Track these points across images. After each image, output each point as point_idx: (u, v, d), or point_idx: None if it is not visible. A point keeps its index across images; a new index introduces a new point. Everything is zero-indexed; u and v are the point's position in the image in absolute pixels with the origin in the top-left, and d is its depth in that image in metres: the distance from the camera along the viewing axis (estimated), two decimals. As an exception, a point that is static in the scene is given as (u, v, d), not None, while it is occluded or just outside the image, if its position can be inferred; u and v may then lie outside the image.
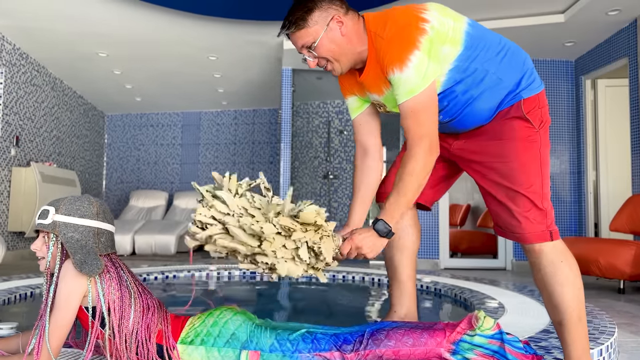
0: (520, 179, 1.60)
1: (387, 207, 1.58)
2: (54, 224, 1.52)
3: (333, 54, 1.63)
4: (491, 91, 1.62)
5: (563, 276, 1.57)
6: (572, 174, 5.93)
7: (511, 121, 1.63)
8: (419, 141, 1.54)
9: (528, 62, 1.68)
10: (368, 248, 1.58)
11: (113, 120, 9.51)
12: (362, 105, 1.83)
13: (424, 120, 1.54)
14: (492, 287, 3.53)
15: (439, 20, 1.55)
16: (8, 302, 2.94)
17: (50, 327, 1.44)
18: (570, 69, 6.00)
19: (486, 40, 1.62)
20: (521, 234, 1.60)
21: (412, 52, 1.49)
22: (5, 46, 5.88)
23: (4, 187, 5.93)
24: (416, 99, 1.53)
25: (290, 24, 1.61)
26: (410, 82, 1.51)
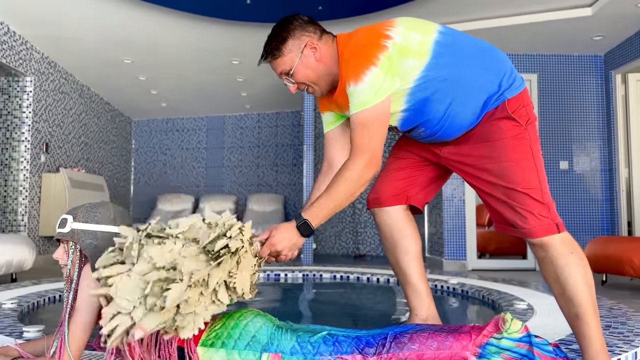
0: (516, 177, 1.59)
1: (313, 208, 1.58)
2: (72, 232, 1.54)
3: (309, 79, 1.70)
4: (470, 96, 1.63)
5: (575, 267, 1.55)
6: (603, 172, 5.77)
7: (498, 122, 1.63)
8: (361, 153, 1.56)
9: (506, 62, 1.68)
10: (287, 249, 1.58)
11: (140, 125, 9.66)
12: (336, 121, 1.88)
13: (370, 134, 1.57)
14: (521, 289, 3.45)
15: (403, 35, 1.57)
16: (37, 306, 3.00)
17: (71, 330, 1.45)
18: (600, 64, 5.84)
19: (459, 45, 1.64)
20: (528, 229, 1.58)
21: (369, 67, 1.54)
22: (34, 55, 6.02)
23: (34, 193, 6.06)
24: (366, 113, 1.56)
25: (267, 53, 1.70)
26: (362, 95, 1.55)
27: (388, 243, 1.97)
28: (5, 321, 2.34)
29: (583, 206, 5.74)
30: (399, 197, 1.91)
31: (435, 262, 6.15)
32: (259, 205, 8.68)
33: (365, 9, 5.00)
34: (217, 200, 8.88)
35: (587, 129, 5.80)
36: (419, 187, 1.93)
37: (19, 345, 1.67)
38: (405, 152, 1.95)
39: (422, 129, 1.73)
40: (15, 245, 4.19)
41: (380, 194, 1.93)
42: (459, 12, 5.00)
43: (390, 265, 2.02)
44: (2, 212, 5.86)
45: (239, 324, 1.56)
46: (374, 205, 1.96)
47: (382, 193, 1.92)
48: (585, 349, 1.55)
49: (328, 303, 3.62)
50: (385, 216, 1.94)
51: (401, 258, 1.94)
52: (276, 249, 1.56)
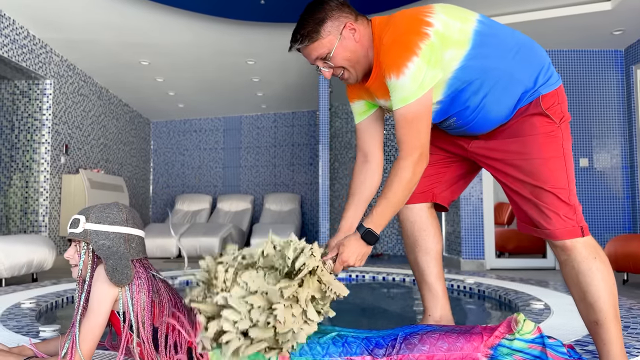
0: (544, 175, 1.54)
1: (374, 215, 1.55)
2: (85, 232, 1.55)
3: (349, 62, 1.60)
4: (505, 90, 1.57)
5: (598, 272, 1.50)
6: (625, 169, 5.65)
7: (531, 118, 1.58)
8: (411, 151, 1.51)
9: (544, 57, 1.62)
10: (357, 261, 1.56)
11: (158, 126, 9.76)
12: (367, 111, 1.80)
13: (417, 130, 1.51)
14: (539, 288, 3.40)
15: (444, 23, 1.50)
16: (55, 305, 3.04)
17: (82, 331, 1.46)
18: (620, 59, 5.72)
19: (498, 37, 1.57)
20: (552, 231, 1.53)
21: (410, 58, 1.46)
22: (53, 58, 6.11)
23: (54, 194, 6.16)
24: (410, 107, 1.50)
25: (303, 37, 1.57)
26: (405, 89, 1.48)
27: (409, 240, 1.94)
28: (23, 320, 2.38)
29: (604, 204, 5.63)
30: (425, 194, 1.87)
31: (452, 261, 6.09)
32: (276, 204, 8.70)
33: (375, 9, 4.97)
34: (234, 200, 8.93)
35: (608, 126, 5.69)
36: (445, 184, 1.88)
37: (34, 345, 1.69)
38: (432, 149, 1.87)
39: (455, 119, 1.67)
40: (36, 246, 4.27)
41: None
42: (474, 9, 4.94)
43: (409, 263, 1.99)
44: (23, 213, 5.97)
45: (248, 324, 1.56)
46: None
47: None
48: (604, 355, 1.51)
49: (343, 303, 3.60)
50: (409, 213, 1.91)
51: (421, 257, 1.91)
52: (348, 263, 1.55)
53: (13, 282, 4.21)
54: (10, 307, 2.74)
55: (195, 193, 9.37)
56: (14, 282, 4.17)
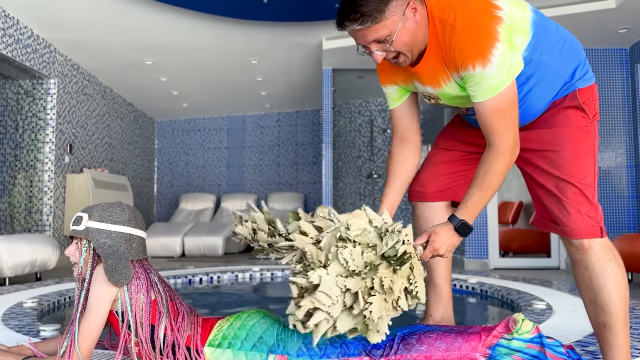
0: (573, 170, 1.51)
1: (469, 206, 1.49)
2: (87, 230, 1.55)
3: (408, 46, 1.47)
4: (550, 83, 1.53)
5: (612, 275, 1.47)
6: (629, 168, 5.62)
7: (566, 110, 1.54)
8: (505, 141, 1.44)
9: (582, 51, 1.59)
10: (448, 251, 1.52)
11: (162, 126, 9.78)
12: (403, 96, 1.72)
13: (508, 120, 1.43)
14: (542, 288, 3.38)
15: (509, 7, 1.43)
16: (58, 304, 3.05)
17: (80, 330, 1.46)
18: (625, 57, 5.68)
19: (548, 29, 1.51)
20: (572, 228, 1.49)
21: (494, 45, 1.36)
22: (57, 58, 6.13)
23: (59, 193, 6.19)
24: (500, 97, 1.41)
25: (364, 17, 1.38)
26: (493, 78, 1.39)
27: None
28: (25, 320, 2.39)
29: (609, 203, 5.60)
30: (446, 192, 1.83)
31: (456, 261, 6.08)
32: (279, 203, 8.71)
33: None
34: (237, 200, 8.94)
35: (613, 124, 5.66)
36: (466, 182, 1.82)
37: (33, 344, 1.70)
38: (452, 143, 1.84)
39: None
40: (40, 245, 4.28)
41: (427, 188, 1.84)
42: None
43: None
44: (27, 212, 6.00)
45: (246, 324, 1.56)
46: (419, 199, 1.86)
47: (429, 187, 1.84)
48: (609, 357, 1.49)
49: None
50: (427, 211, 1.86)
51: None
52: (438, 252, 1.51)
53: (16, 281, 4.23)
54: (12, 306, 2.75)
55: (199, 192, 9.39)
56: (17, 281, 4.19)
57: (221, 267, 4.80)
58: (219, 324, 1.59)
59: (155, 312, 1.53)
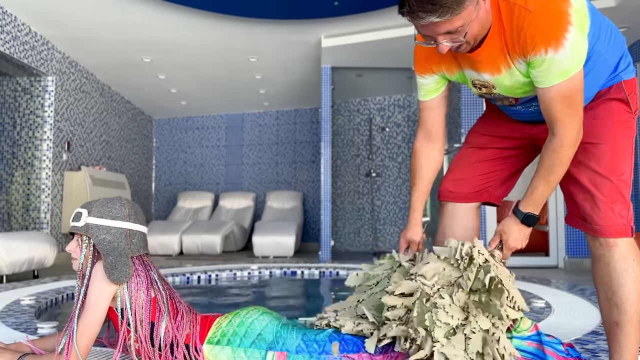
0: (612, 164, 1.47)
1: (533, 197, 1.45)
2: (86, 226, 1.54)
3: (478, 35, 1.39)
4: (599, 72, 1.48)
5: (633, 275, 1.45)
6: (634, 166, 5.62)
7: (609, 102, 1.50)
8: (571, 129, 1.38)
9: (625, 43, 1.54)
10: (522, 243, 1.51)
11: (160, 124, 9.76)
12: (440, 87, 1.65)
13: (577, 105, 1.38)
14: (541, 286, 3.38)
15: None
16: (55, 302, 3.05)
17: (79, 327, 1.46)
18: (624, 56, 5.68)
19: (599, 16, 1.47)
20: (603, 226, 1.46)
21: (567, 28, 1.30)
22: (55, 55, 6.11)
23: (57, 191, 6.17)
24: (570, 82, 1.35)
25: (444, 8, 1.28)
26: (565, 62, 1.33)
27: (444, 239, 1.79)
28: (22, 317, 2.38)
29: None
30: (479, 193, 1.74)
31: (454, 259, 6.07)
32: (278, 202, 8.70)
33: (379, 4, 4.95)
34: (236, 198, 8.93)
35: (611, 123, 5.66)
36: (500, 182, 1.76)
37: (31, 341, 1.69)
38: (486, 139, 1.76)
39: (537, 103, 1.53)
40: (37, 243, 4.27)
41: (460, 189, 1.74)
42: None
43: None
44: (25, 210, 5.98)
45: (245, 321, 1.55)
46: (451, 199, 1.76)
47: (462, 188, 1.74)
48: (616, 356, 1.48)
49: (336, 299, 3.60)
50: (457, 212, 1.76)
51: None
52: (516, 248, 1.50)
53: (14, 278, 4.22)
54: (9, 303, 2.74)
55: (198, 190, 9.37)
56: (14, 279, 4.18)
57: (219, 265, 4.80)
58: (218, 321, 1.58)
59: (155, 310, 1.53)
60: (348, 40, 5.59)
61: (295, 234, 6.97)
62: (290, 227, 7.09)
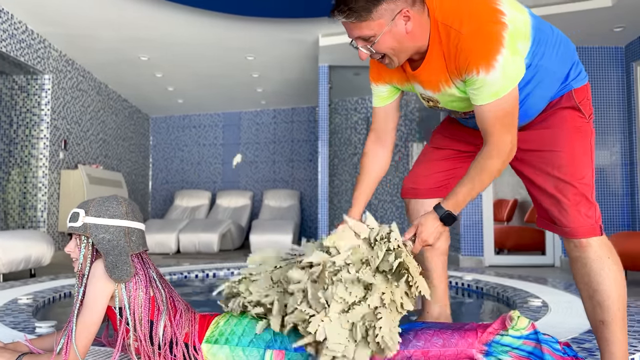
0: (571, 169, 1.52)
1: (456, 198, 1.50)
2: (84, 226, 1.54)
3: (393, 51, 1.48)
4: (548, 85, 1.54)
5: (610, 272, 1.49)
6: (624, 166, 5.64)
7: (562, 111, 1.56)
8: (502, 145, 1.45)
9: (575, 51, 1.60)
10: (434, 239, 1.53)
11: (157, 122, 9.74)
12: (392, 96, 1.73)
13: (509, 122, 1.44)
14: (537, 285, 3.40)
15: (511, 13, 1.43)
16: (53, 301, 3.04)
17: (78, 327, 1.46)
18: (620, 56, 5.70)
19: (545, 32, 1.52)
20: (572, 228, 1.51)
21: (499, 51, 1.38)
22: (52, 53, 6.10)
23: (53, 190, 6.16)
24: (501, 101, 1.42)
25: (350, 12, 1.40)
26: (496, 84, 1.40)
27: None
28: (20, 316, 2.38)
29: (603, 201, 5.62)
30: (439, 189, 1.84)
31: (451, 258, 6.09)
32: (275, 200, 8.70)
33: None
34: (233, 197, 8.93)
35: (608, 122, 5.68)
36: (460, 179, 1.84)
37: (29, 340, 1.69)
38: (448, 141, 1.85)
39: None
40: (34, 241, 4.26)
41: (420, 185, 1.85)
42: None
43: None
44: (22, 209, 5.97)
45: (243, 320, 1.56)
46: (412, 195, 1.88)
47: (422, 184, 1.85)
48: (607, 356, 1.50)
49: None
50: (420, 208, 1.87)
51: (427, 253, 1.90)
52: (428, 242, 1.53)
53: (11, 277, 4.21)
54: (7, 302, 2.74)
55: (195, 189, 9.37)
56: (11, 278, 4.17)
57: (217, 264, 4.80)
58: (216, 320, 1.59)
59: (154, 309, 1.53)
60: (345, 39, 5.59)
61: (293, 233, 6.98)
62: (287, 226, 7.09)
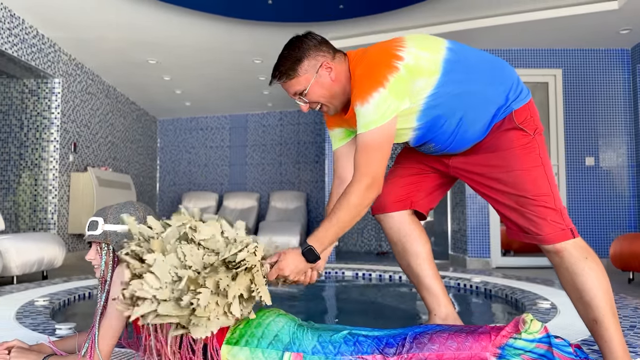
0: (526, 185, 1.61)
1: (318, 235, 1.59)
2: (104, 234, 1.58)
3: (324, 98, 1.69)
4: (480, 109, 1.65)
5: (591, 272, 1.55)
6: (631, 168, 5.66)
7: (506, 133, 1.65)
8: (364, 177, 1.57)
9: (513, 74, 1.70)
10: (293, 274, 1.60)
11: (164, 124, 9.81)
12: (346, 137, 1.87)
13: (373, 157, 1.57)
14: (545, 287, 3.42)
15: (414, 55, 1.57)
16: (68, 303, 3.09)
17: (102, 330, 1.50)
18: (627, 58, 5.72)
19: (468, 61, 1.65)
20: (543, 236, 1.59)
21: (377, 89, 1.54)
22: (62, 57, 6.16)
23: (63, 192, 6.22)
24: (370, 134, 1.56)
25: (280, 74, 1.66)
26: (368, 116, 1.55)
27: (397, 247, 1.99)
28: (39, 318, 2.43)
29: (609, 203, 5.64)
30: (403, 202, 1.93)
31: (458, 260, 6.12)
32: (282, 202, 8.75)
33: (384, 7, 4.99)
34: (240, 198, 8.97)
35: (614, 124, 5.70)
36: (423, 192, 1.94)
37: (52, 342, 1.73)
38: (411, 161, 1.95)
39: (433, 144, 1.74)
40: (46, 244, 4.32)
41: (384, 200, 1.93)
42: (480, 8, 4.96)
43: (402, 269, 2.04)
44: (32, 211, 6.03)
45: (262, 323, 1.59)
46: (379, 211, 1.97)
47: (386, 198, 1.93)
48: (607, 353, 1.54)
49: (350, 301, 3.64)
50: (391, 222, 1.96)
51: (412, 261, 1.96)
52: (283, 273, 1.60)
53: (24, 279, 4.27)
54: (24, 304, 2.79)
55: (202, 191, 9.42)
56: (25, 280, 4.23)
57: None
58: (236, 322, 1.62)
59: (174, 311, 1.57)
60: (353, 43, 5.63)
61: (300, 234, 7.02)
62: (294, 227, 7.13)
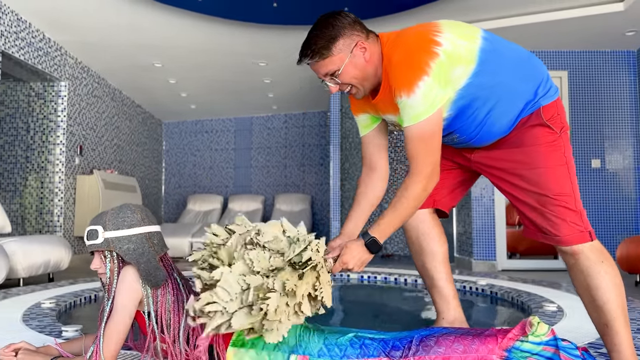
0: (549, 184, 1.58)
1: (381, 225, 1.58)
2: (106, 241, 1.56)
3: (357, 80, 1.63)
4: (509, 103, 1.61)
5: (606, 275, 1.53)
6: (637, 170, 5.63)
7: (532, 129, 1.62)
8: (422, 168, 1.55)
9: (543, 70, 1.67)
10: (357, 265, 1.59)
11: (170, 127, 9.84)
12: (372, 124, 1.83)
13: (428, 147, 1.54)
14: (552, 290, 3.41)
15: (452, 42, 1.53)
16: (74, 305, 3.10)
17: (107, 332, 1.50)
18: (632, 60, 5.70)
19: (501, 52, 1.61)
20: (560, 237, 1.56)
21: (421, 77, 1.49)
22: (68, 60, 6.19)
23: (69, 195, 6.25)
24: (421, 125, 1.53)
25: (313, 53, 1.59)
26: (416, 107, 1.51)
27: (414, 246, 1.98)
28: (45, 320, 2.43)
29: (616, 205, 5.61)
30: (426, 201, 1.88)
31: (464, 262, 6.10)
32: (286, 205, 8.75)
33: (390, 9, 5.00)
34: (245, 201, 8.98)
35: (620, 126, 5.67)
36: (446, 190, 1.91)
37: (59, 344, 1.74)
38: None
39: (457, 135, 1.71)
40: (52, 246, 4.34)
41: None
42: (486, 10, 4.95)
43: (417, 268, 2.03)
44: (39, 214, 6.06)
45: (268, 326, 1.59)
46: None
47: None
48: (615, 358, 1.53)
49: (355, 304, 3.64)
50: (411, 220, 1.94)
51: (428, 261, 1.95)
52: (347, 266, 1.58)
53: (30, 281, 4.29)
54: (30, 306, 2.80)
55: (207, 193, 9.44)
56: (31, 282, 4.24)
57: (231, 268, 4.84)
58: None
59: (181, 312, 1.57)
60: (357, 45, 5.63)
61: (305, 237, 7.01)
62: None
